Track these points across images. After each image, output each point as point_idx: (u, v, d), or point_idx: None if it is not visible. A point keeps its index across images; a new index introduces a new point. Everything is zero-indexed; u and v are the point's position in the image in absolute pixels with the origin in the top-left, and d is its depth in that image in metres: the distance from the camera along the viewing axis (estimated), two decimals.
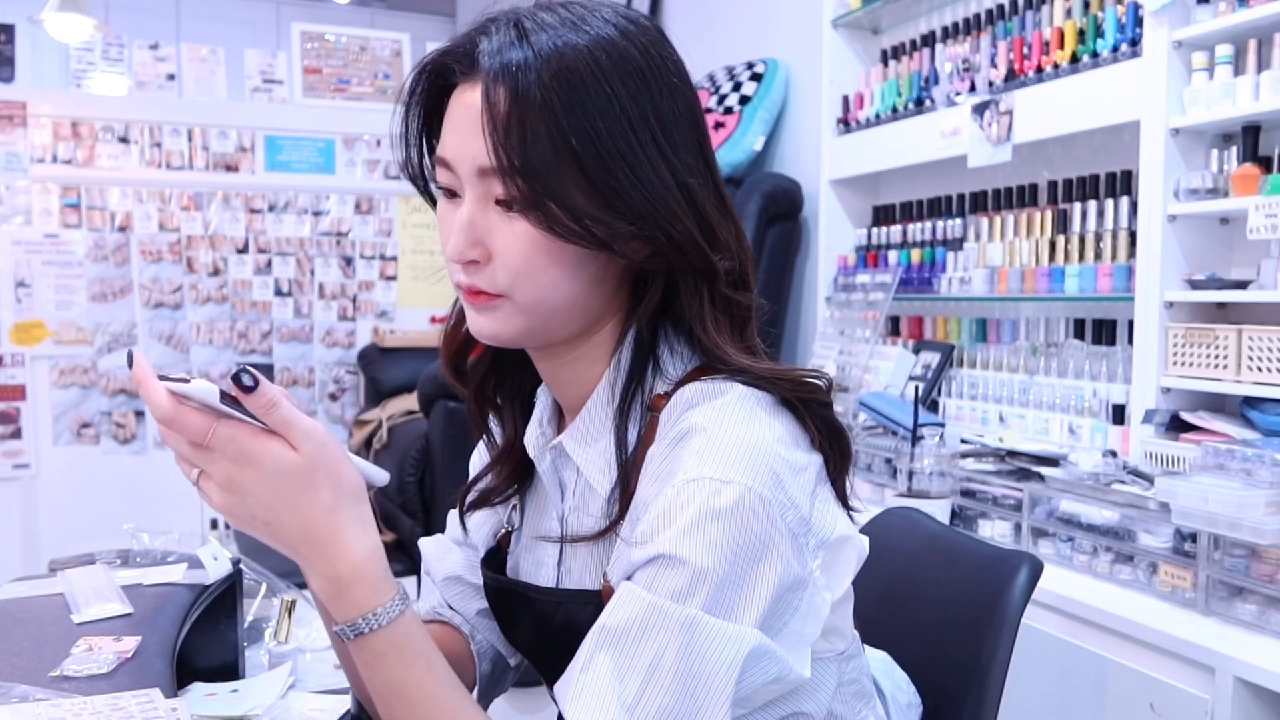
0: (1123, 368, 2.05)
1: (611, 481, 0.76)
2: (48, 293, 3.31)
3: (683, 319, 0.76)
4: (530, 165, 0.67)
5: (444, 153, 0.72)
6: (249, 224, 3.54)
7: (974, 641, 0.97)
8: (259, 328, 3.57)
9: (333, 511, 0.65)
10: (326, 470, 0.65)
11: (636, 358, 0.77)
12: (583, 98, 0.68)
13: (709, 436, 0.68)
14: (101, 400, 3.39)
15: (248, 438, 0.63)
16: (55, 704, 0.80)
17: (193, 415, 0.62)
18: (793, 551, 0.67)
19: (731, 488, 0.65)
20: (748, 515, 0.65)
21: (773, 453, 0.68)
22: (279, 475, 0.63)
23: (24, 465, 3.31)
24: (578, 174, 0.68)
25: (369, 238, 3.68)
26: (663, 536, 0.65)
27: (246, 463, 0.63)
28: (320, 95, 3.63)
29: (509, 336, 0.74)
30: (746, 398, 0.72)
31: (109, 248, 3.37)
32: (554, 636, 0.79)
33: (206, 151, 3.48)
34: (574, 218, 0.68)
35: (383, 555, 0.67)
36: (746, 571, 0.65)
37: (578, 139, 0.67)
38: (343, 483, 0.66)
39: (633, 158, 0.69)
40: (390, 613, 0.66)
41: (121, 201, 3.38)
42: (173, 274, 3.46)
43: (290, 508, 0.64)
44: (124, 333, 3.40)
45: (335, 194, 3.63)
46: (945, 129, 2.41)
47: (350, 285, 3.68)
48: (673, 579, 0.65)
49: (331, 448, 0.66)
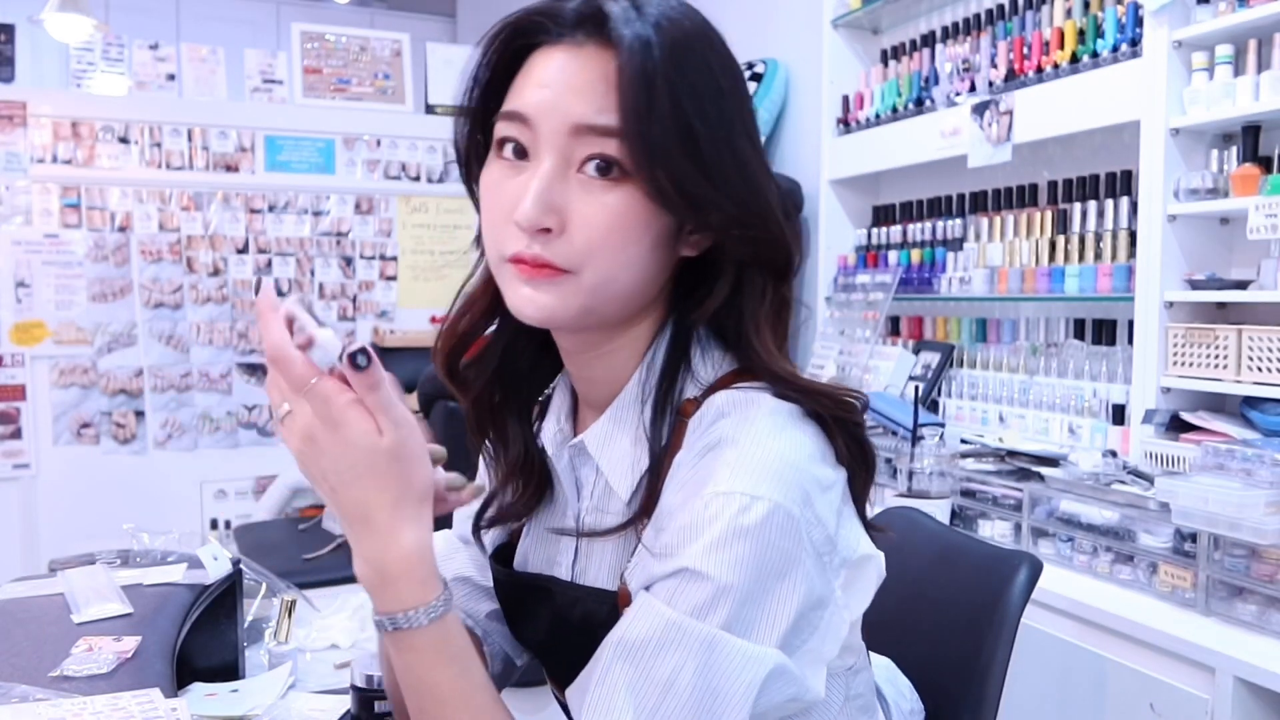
0: (1123, 368, 2.05)
1: (633, 485, 0.74)
2: (48, 293, 3.31)
3: (730, 317, 0.74)
4: (652, 131, 0.66)
5: (522, 107, 0.69)
6: (249, 224, 3.54)
7: (974, 641, 0.97)
8: (259, 328, 3.58)
9: (396, 504, 0.65)
10: (403, 464, 0.64)
11: (671, 357, 0.75)
12: (696, 78, 0.68)
13: (740, 449, 0.67)
14: (101, 400, 3.38)
15: (342, 404, 0.62)
16: (55, 704, 0.80)
17: (299, 359, 0.63)
18: (816, 570, 0.66)
19: (761, 504, 0.64)
20: (775, 533, 0.64)
21: (803, 469, 0.67)
22: (358, 450, 0.63)
23: (24, 465, 3.31)
24: (691, 149, 0.67)
25: (369, 238, 3.68)
26: (687, 550, 0.64)
27: (333, 426, 0.63)
28: (320, 95, 3.63)
29: (563, 318, 0.70)
30: (778, 411, 0.70)
31: (109, 248, 3.37)
32: (568, 634, 0.78)
33: (206, 151, 3.48)
34: (680, 189, 0.67)
35: (433, 556, 0.67)
36: (770, 589, 0.64)
37: (695, 115, 0.67)
38: (413, 480, 0.65)
39: (735, 144, 0.69)
40: (432, 612, 0.65)
41: (121, 201, 3.37)
42: (173, 274, 3.46)
43: (358, 485, 0.64)
44: (124, 333, 3.40)
45: (335, 194, 3.62)
46: (945, 129, 2.41)
47: (350, 285, 3.68)
48: (694, 594, 0.63)
49: (414, 445, 0.65)
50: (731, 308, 0.74)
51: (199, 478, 3.50)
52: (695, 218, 0.69)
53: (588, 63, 0.68)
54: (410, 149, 3.69)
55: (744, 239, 0.71)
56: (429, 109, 3.73)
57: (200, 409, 3.51)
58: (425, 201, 3.74)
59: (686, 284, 0.76)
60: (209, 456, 3.52)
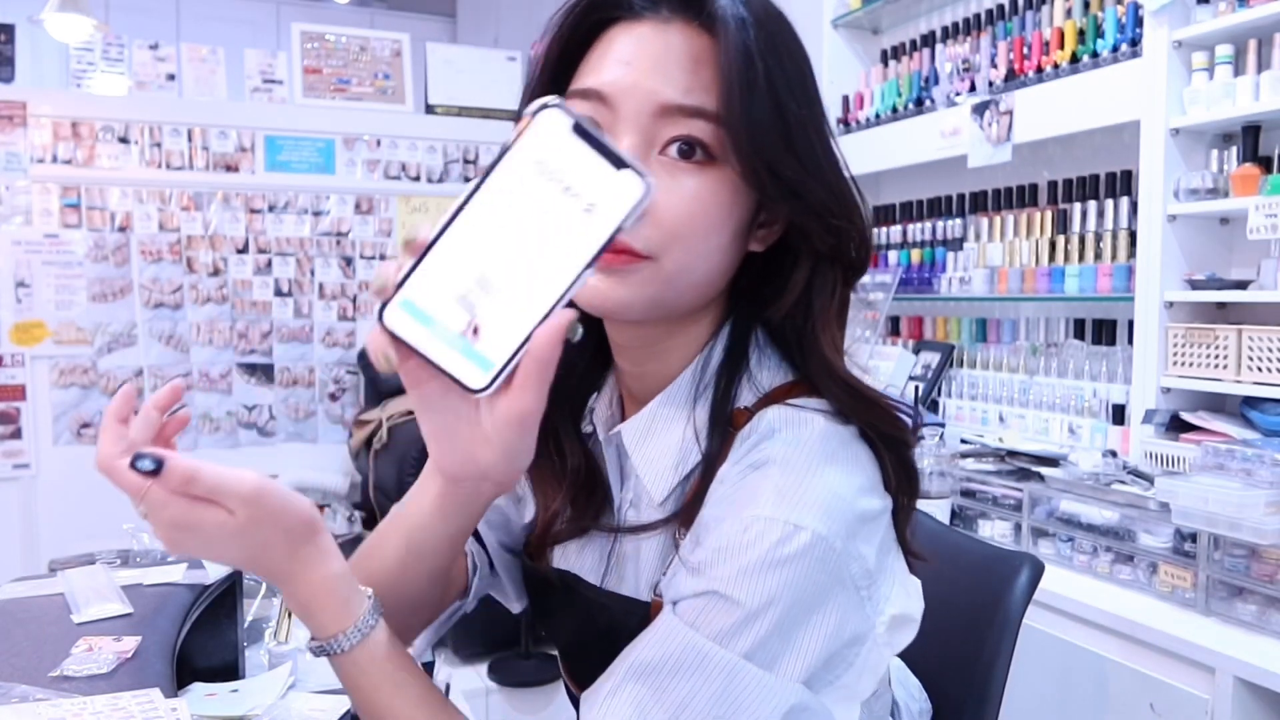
0: (1123, 368, 2.05)
1: (670, 486, 0.72)
2: (48, 293, 3.31)
3: (797, 315, 0.71)
4: (753, 112, 0.63)
5: (601, 85, 0.65)
6: (249, 224, 3.54)
7: (974, 641, 0.97)
8: (259, 328, 3.57)
9: (286, 556, 0.63)
10: (270, 523, 0.62)
11: (730, 356, 0.72)
12: (787, 60, 0.66)
13: (788, 473, 0.64)
14: (101, 400, 3.38)
15: (179, 511, 0.59)
16: (55, 704, 0.80)
17: (123, 472, 0.59)
18: (853, 605, 0.64)
19: (804, 534, 0.61)
20: (814, 565, 0.61)
21: (852, 501, 0.64)
22: (220, 539, 0.61)
23: (24, 465, 3.31)
24: (785, 133, 0.65)
25: (369, 238, 3.68)
26: (720, 571, 0.62)
27: (184, 527, 0.60)
28: (320, 95, 3.63)
29: (638, 308, 0.66)
30: (831, 435, 0.67)
31: (109, 248, 3.37)
32: (593, 639, 0.75)
33: (206, 151, 3.48)
34: (776, 173, 0.65)
35: (342, 583, 0.65)
36: (800, 622, 0.61)
37: (789, 98, 0.65)
38: (290, 527, 0.63)
39: (821, 130, 0.68)
40: (355, 636, 0.65)
41: (121, 201, 3.37)
42: (173, 274, 3.45)
43: (241, 558, 0.63)
44: (124, 333, 3.40)
45: (335, 194, 3.62)
46: (945, 129, 2.41)
47: (350, 285, 3.68)
48: (720, 618, 0.61)
49: (269, 498, 0.61)
50: (799, 305, 0.71)
51: None
52: (789, 206, 0.67)
53: (675, 39, 0.65)
54: (410, 149, 3.69)
55: (829, 230, 0.68)
56: (429, 109, 3.73)
57: (200, 409, 3.50)
58: (425, 201, 3.74)
59: (749, 281, 0.73)
60: (209, 456, 3.50)
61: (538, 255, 0.48)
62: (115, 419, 0.62)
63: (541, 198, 0.47)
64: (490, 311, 0.48)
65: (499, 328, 0.48)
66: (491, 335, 0.48)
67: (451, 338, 0.48)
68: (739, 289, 0.73)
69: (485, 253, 0.48)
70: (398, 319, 0.49)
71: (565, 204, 0.47)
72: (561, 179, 0.47)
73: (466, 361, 0.49)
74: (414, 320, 0.49)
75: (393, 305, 0.49)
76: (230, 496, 0.60)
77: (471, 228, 0.48)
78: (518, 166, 0.47)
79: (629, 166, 0.47)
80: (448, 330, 0.49)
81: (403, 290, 0.49)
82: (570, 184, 0.47)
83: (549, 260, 0.48)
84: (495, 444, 0.54)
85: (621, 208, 0.47)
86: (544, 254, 0.48)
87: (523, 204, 0.47)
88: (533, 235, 0.48)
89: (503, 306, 0.48)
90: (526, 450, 0.55)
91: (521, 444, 0.54)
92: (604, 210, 0.47)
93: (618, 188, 0.47)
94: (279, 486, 0.63)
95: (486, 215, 0.48)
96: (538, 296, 0.48)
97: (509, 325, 0.48)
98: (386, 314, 0.49)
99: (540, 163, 0.47)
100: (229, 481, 0.60)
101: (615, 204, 0.47)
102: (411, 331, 0.49)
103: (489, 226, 0.48)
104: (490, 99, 3.73)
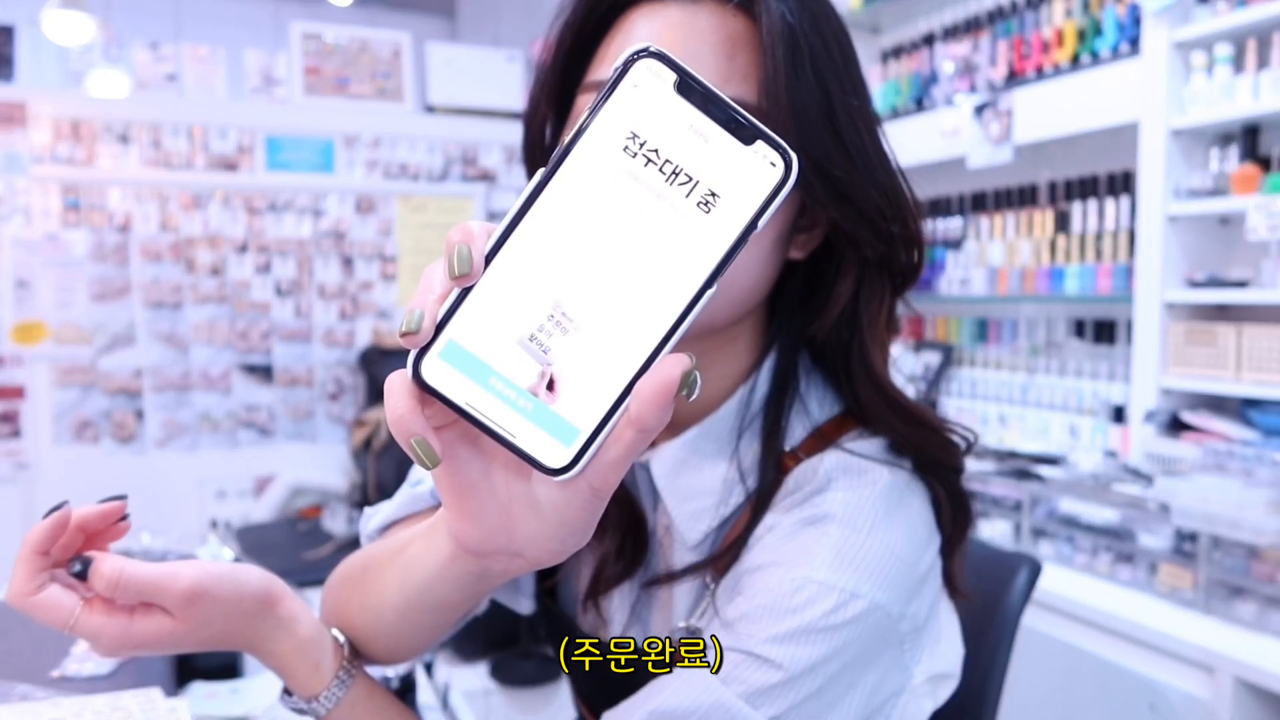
0: (1123, 368, 2.05)
1: (705, 531, 0.65)
2: (48, 293, 3.31)
3: (844, 330, 0.64)
4: (798, 100, 0.56)
5: None
6: (249, 224, 3.54)
7: (974, 642, 0.97)
8: (259, 328, 3.57)
9: (245, 637, 0.59)
10: (219, 613, 0.56)
11: (780, 384, 0.65)
12: (832, 43, 0.59)
13: (849, 534, 0.59)
14: (101, 400, 3.38)
15: (119, 627, 0.53)
16: (55, 704, 0.80)
17: (48, 606, 0.53)
18: (895, 662, 0.60)
19: (860, 602, 0.57)
20: (866, 632, 0.57)
21: (913, 561, 0.60)
22: (172, 644, 0.55)
23: (24, 465, 3.31)
24: (833, 124, 0.58)
25: (369, 238, 3.68)
26: (763, 630, 0.57)
27: (130, 647, 0.54)
28: (320, 95, 3.63)
29: None
30: (892, 489, 0.62)
31: (109, 248, 3.37)
32: (610, 689, 0.68)
33: (206, 151, 3.48)
34: (823, 170, 0.57)
35: (311, 648, 0.62)
36: (846, 686, 0.57)
37: (835, 86, 0.58)
38: (245, 610, 0.58)
39: (870, 122, 0.61)
40: (326, 704, 0.61)
41: (121, 201, 3.38)
42: (173, 274, 3.45)
43: (200, 649, 0.58)
44: (124, 332, 3.40)
45: (335, 194, 3.63)
46: (945, 129, 2.41)
47: (350, 285, 3.68)
48: (756, 678, 0.56)
49: (211, 590, 0.55)
50: (844, 318, 0.64)
51: (198, 478, 3.51)
52: (838, 210, 0.59)
53: (706, 22, 0.58)
54: (410, 149, 3.69)
55: (880, 234, 0.61)
56: (429, 109, 3.74)
57: (200, 409, 3.51)
58: (425, 201, 3.74)
59: (789, 293, 0.66)
60: (209, 456, 3.52)
61: (636, 273, 0.34)
62: (35, 550, 0.53)
63: (637, 189, 0.34)
64: (570, 357, 0.34)
65: (583, 380, 0.34)
66: (573, 391, 0.34)
67: (516, 396, 0.34)
68: (777, 302, 0.67)
69: (560, 272, 0.34)
70: (439, 372, 0.35)
71: (672, 196, 0.34)
72: (666, 160, 0.34)
73: (537, 431, 0.35)
74: (461, 374, 0.35)
75: (431, 354, 0.35)
76: (165, 597, 0.53)
77: (539, 238, 0.34)
78: (602, 147, 0.34)
79: (763, 137, 0.34)
80: (511, 385, 0.34)
81: (446, 330, 0.35)
82: (680, 166, 0.34)
83: (652, 279, 0.34)
84: (547, 518, 0.39)
85: (755, 197, 0.33)
86: (644, 271, 0.34)
87: (611, 199, 0.34)
88: (627, 244, 0.34)
89: (588, 349, 0.34)
90: (587, 529, 0.40)
91: (585, 522, 0.39)
92: (730, 202, 0.34)
93: (747, 169, 0.34)
94: (221, 571, 0.56)
95: (560, 219, 0.34)
96: (638, 333, 0.34)
97: (598, 376, 0.34)
98: (425, 365, 0.35)
99: (634, 139, 0.34)
100: (161, 582, 0.53)
101: (745, 193, 0.33)
102: (459, 389, 0.35)
103: (564, 235, 0.34)
104: (490, 98, 3.73)
